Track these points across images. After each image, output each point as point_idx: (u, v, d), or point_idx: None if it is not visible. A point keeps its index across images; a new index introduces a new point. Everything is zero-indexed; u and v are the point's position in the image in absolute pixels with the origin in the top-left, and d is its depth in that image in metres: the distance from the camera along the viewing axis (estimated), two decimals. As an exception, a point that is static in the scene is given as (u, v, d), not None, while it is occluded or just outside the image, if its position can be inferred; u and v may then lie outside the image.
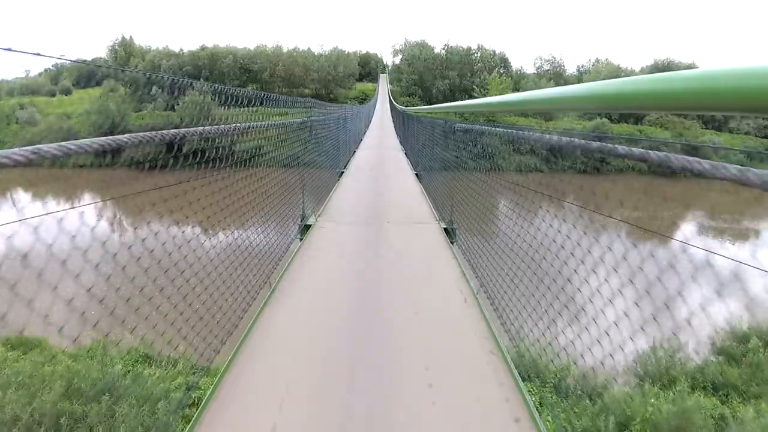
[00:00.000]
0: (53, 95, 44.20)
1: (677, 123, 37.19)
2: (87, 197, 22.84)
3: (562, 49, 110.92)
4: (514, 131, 3.11)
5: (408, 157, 12.77)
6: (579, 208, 2.75)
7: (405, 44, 51.86)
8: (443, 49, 48.44)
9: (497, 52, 48.48)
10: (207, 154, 2.85)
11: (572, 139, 2.12)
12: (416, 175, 9.85)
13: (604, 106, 1.26)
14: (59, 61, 46.52)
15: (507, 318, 3.11)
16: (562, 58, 52.49)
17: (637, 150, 1.46)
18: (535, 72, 49.87)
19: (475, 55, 47.96)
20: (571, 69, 50.69)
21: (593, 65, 48.99)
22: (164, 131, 1.80)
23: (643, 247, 2.30)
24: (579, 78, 46.82)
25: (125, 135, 1.61)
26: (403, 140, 16.48)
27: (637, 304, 2.26)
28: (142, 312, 2.44)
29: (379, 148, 15.34)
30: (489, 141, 4.24)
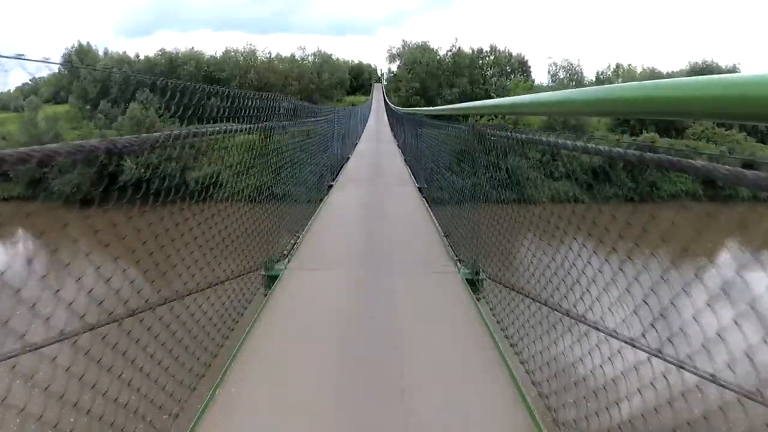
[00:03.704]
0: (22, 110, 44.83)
1: (725, 136, 37.19)
2: None
3: (571, 52, 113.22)
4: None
5: (410, 168, 12.55)
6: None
7: (404, 47, 52.55)
8: (449, 51, 49.17)
9: (514, 54, 49.07)
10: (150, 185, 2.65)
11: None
12: (419, 188, 9.51)
13: (618, 111, 1.71)
14: (38, 75, 48.26)
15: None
16: (580, 63, 52.00)
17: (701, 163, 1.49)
18: (550, 80, 50.00)
19: (488, 58, 48.71)
20: (589, 75, 50.79)
21: (613, 71, 49.34)
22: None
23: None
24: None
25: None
26: (403, 147, 16.71)
27: None
28: None
29: (376, 157, 15.20)
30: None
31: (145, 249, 2.74)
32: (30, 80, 51.36)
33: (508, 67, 47.70)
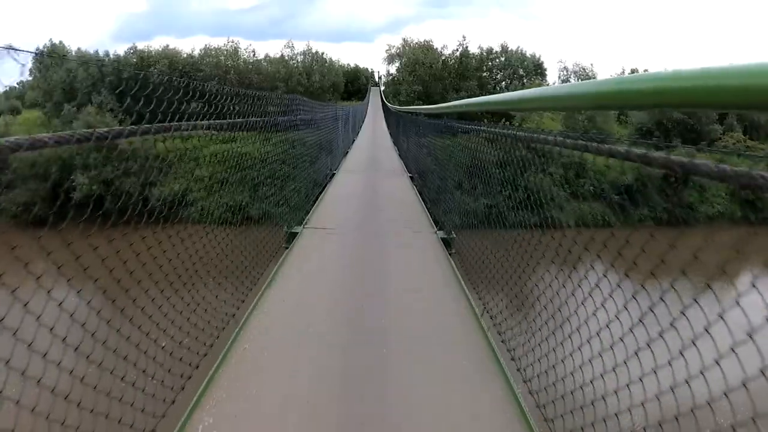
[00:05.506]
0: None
1: (760, 149, 36.55)
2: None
3: (580, 60, 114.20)
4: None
5: (416, 187, 10.95)
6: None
7: (404, 46, 51.27)
8: (455, 50, 48.26)
9: (528, 54, 48.45)
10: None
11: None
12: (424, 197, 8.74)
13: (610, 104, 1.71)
14: (26, 78, 48.72)
15: None
16: (593, 67, 51.11)
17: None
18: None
19: (498, 59, 47.94)
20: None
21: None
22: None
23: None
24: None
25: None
26: (424, 186, 14.91)
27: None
28: None
29: (372, 227, 10.43)
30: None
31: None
32: (18, 83, 52.03)
33: (521, 70, 46.68)
